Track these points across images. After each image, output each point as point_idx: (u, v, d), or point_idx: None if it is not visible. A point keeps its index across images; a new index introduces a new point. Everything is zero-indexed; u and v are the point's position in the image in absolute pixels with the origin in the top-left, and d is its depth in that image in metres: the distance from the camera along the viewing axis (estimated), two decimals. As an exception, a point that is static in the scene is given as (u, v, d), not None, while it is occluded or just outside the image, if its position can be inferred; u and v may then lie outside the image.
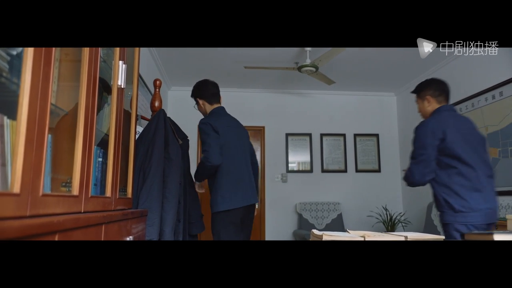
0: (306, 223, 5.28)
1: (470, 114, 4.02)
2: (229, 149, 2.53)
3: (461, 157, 2.06)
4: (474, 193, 2.02)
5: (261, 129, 5.64)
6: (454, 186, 2.06)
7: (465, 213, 1.95)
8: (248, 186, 2.58)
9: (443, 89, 2.33)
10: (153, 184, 2.11)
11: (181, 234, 2.31)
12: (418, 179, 2.22)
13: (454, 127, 2.13)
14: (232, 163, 2.52)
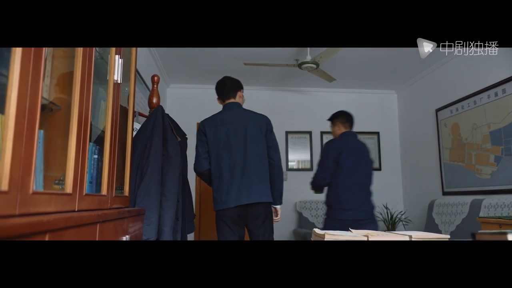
0: (306, 221, 5.23)
1: (472, 112, 3.98)
2: (218, 150, 2.49)
3: (347, 169, 2.89)
4: (350, 196, 2.83)
5: (260, 127, 5.59)
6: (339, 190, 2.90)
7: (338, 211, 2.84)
8: (240, 186, 2.40)
9: (349, 119, 3.21)
10: (151, 182, 2.07)
11: (179, 233, 2.26)
12: (320, 182, 3.06)
13: (350, 148, 3.00)
14: (220, 164, 2.46)
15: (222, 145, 2.49)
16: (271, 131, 2.63)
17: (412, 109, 5.37)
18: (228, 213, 2.40)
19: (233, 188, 2.40)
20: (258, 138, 2.54)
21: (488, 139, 3.73)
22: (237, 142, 2.50)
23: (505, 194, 3.50)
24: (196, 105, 5.49)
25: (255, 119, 2.60)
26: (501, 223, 2.39)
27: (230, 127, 2.54)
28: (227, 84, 2.73)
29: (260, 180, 2.46)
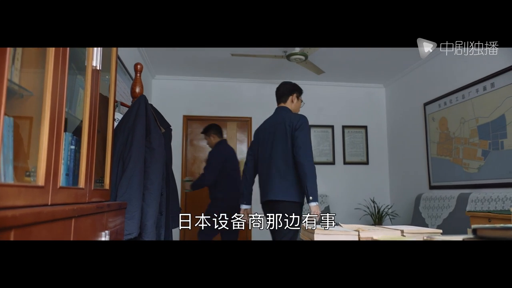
0: (293, 215, 5.18)
1: (460, 106, 3.97)
2: (258, 152, 2.83)
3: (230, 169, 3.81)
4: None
5: (248, 120, 5.51)
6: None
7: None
8: (265, 184, 2.71)
9: (220, 130, 4.08)
10: (133, 174, 1.98)
11: (163, 228, 2.18)
12: (208, 181, 3.79)
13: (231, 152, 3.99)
14: (257, 164, 2.85)
15: (260, 147, 2.80)
16: (297, 129, 2.60)
17: (400, 103, 5.35)
18: (263, 206, 2.78)
19: (263, 185, 2.75)
20: (283, 138, 2.63)
21: (476, 133, 3.73)
22: (267, 143, 2.73)
23: (492, 188, 3.50)
24: (182, 97, 5.38)
25: (287, 119, 2.68)
26: (490, 217, 2.37)
27: (267, 130, 2.78)
28: (280, 89, 2.92)
29: (281, 179, 2.56)
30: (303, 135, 2.58)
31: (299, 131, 2.58)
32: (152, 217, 2.01)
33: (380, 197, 5.44)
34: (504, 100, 3.38)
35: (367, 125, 5.68)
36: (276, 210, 2.47)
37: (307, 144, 2.57)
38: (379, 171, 5.62)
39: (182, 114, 5.35)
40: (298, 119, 2.63)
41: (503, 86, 3.41)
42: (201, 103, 5.42)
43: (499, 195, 3.23)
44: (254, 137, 2.90)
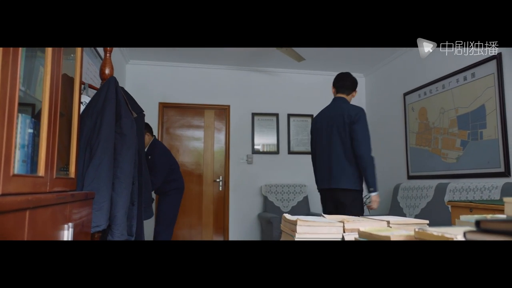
0: (271, 205, 5.12)
1: (440, 96, 3.96)
2: (316, 141, 2.94)
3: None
4: None
5: (226, 108, 5.38)
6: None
7: None
8: (326, 173, 2.79)
9: (151, 128, 3.91)
10: (102, 162, 1.83)
11: (134, 219, 2.05)
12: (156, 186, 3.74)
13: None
14: (315, 151, 2.95)
15: (318, 136, 2.90)
16: (355, 123, 2.69)
17: (380, 93, 5.32)
18: (321, 193, 2.94)
19: (323, 173, 2.84)
20: (341, 129, 2.74)
21: (455, 124, 3.72)
22: (326, 133, 2.82)
23: (470, 178, 3.51)
24: (158, 83, 5.19)
25: (345, 111, 2.75)
26: (472, 207, 2.35)
27: (325, 120, 2.86)
28: (346, 80, 2.94)
29: (342, 168, 2.69)
30: (361, 128, 2.68)
31: (357, 124, 2.68)
32: (123, 207, 1.87)
33: (359, 187, 5.43)
34: (484, 90, 3.38)
35: (346, 114, 5.64)
36: (336, 197, 2.74)
37: (366, 137, 2.68)
38: (357, 161, 5.60)
39: (158, 101, 5.17)
40: (356, 112, 2.72)
41: (483, 76, 3.39)
42: (177, 90, 5.25)
43: (477, 185, 3.24)
44: (313, 126, 3.05)
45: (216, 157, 5.33)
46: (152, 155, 3.80)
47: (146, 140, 3.79)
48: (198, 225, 5.18)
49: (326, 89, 5.63)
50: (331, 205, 2.83)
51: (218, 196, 5.27)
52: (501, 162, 3.19)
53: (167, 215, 3.84)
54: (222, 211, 5.24)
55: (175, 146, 5.21)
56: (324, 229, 1.38)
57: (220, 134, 5.38)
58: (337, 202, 2.77)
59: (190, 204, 5.16)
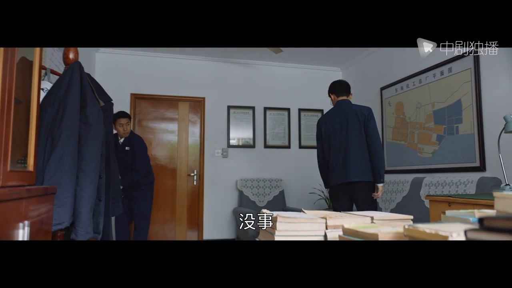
0: (247, 200, 5.03)
1: (417, 91, 3.96)
2: (328, 139, 3.07)
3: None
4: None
5: (200, 100, 5.23)
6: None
7: None
8: (344, 168, 2.95)
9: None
10: (65, 154, 1.68)
11: (101, 215, 1.90)
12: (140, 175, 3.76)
13: None
14: (331, 151, 3.05)
15: (331, 134, 3.05)
16: (369, 120, 2.97)
17: (357, 87, 5.28)
18: (334, 189, 3.04)
19: (339, 169, 2.97)
20: (356, 127, 2.97)
21: (432, 118, 3.73)
22: (341, 131, 3.01)
23: (446, 172, 3.53)
24: (130, 73, 4.98)
25: (357, 110, 3.02)
26: (451, 201, 2.32)
27: (337, 120, 3.05)
28: (342, 84, 3.23)
29: (360, 163, 2.92)
30: (374, 125, 2.98)
31: (370, 121, 2.97)
32: (88, 203, 1.73)
33: (335, 182, 5.41)
34: (461, 85, 3.38)
35: (323, 108, 5.60)
36: (353, 191, 2.95)
37: (377, 133, 2.99)
38: (334, 156, 5.58)
39: (130, 92, 4.96)
40: (369, 111, 3.01)
41: (460, 71, 3.40)
42: (151, 81, 5.05)
43: (452, 180, 3.25)
44: (321, 126, 3.16)
45: (190, 150, 5.18)
46: (129, 145, 3.68)
47: (128, 129, 3.74)
48: (172, 221, 5.04)
49: (303, 83, 5.58)
50: (345, 200, 3.01)
51: (192, 190, 5.13)
52: (477, 157, 3.21)
53: (148, 210, 3.83)
54: (196, 206, 5.11)
55: (148, 139, 5.03)
56: (306, 226, 1.29)
57: (195, 127, 5.23)
58: (352, 196, 2.98)
59: (164, 199, 5.01)
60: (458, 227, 0.91)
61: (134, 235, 3.78)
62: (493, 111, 3.11)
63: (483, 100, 3.19)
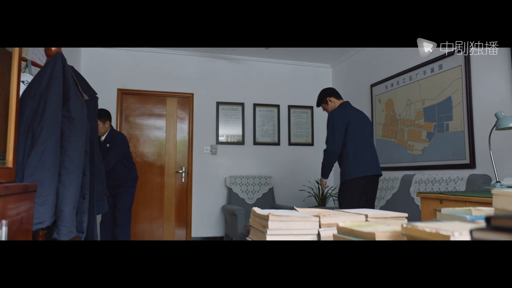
0: (236, 197, 4.98)
1: (407, 88, 3.95)
2: (354, 133, 3.11)
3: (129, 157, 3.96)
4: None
5: (189, 96, 5.15)
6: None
7: None
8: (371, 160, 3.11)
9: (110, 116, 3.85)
10: (46, 149, 1.60)
11: (85, 214, 1.83)
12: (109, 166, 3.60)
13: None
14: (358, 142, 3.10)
15: (354, 128, 3.12)
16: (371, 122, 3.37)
17: (347, 84, 5.28)
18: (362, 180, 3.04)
19: (366, 160, 3.08)
20: (369, 126, 3.27)
21: (422, 115, 3.72)
22: (363, 127, 3.18)
23: (435, 169, 3.52)
24: (117, 68, 4.87)
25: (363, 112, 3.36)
26: (442, 198, 2.30)
27: (358, 116, 3.22)
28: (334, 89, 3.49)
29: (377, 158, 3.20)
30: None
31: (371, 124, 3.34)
32: (71, 202, 1.66)
33: (324, 179, 5.39)
34: (451, 82, 3.37)
35: (313, 105, 5.56)
36: (376, 183, 3.16)
37: None
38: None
39: (117, 88, 4.86)
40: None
41: (451, 68, 3.39)
42: (138, 76, 4.95)
43: (442, 177, 3.24)
44: (347, 120, 3.15)
45: (178, 147, 5.10)
46: (111, 143, 3.64)
47: (105, 128, 3.71)
48: (159, 218, 4.96)
49: (293, 79, 5.54)
50: (371, 192, 3.13)
51: (180, 188, 5.05)
52: (467, 154, 3.21)
53: (128, 205, 3.83)
54: (184, 204, 5.04)
55: (135, 136, 4.94)
56: (299, 224, 1.25)
57: (183, 124, 5.15)
58: (373, 189, 3.14)
59: (151, 196, 4.92)
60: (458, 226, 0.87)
61: (116, 231, 3.75)
62: (483, 108, 3.10)
63: (473, 97, 3.19)
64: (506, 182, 2.50)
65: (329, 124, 3.16)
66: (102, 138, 3.76)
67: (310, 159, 5.49)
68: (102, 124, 3.67)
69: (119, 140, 3.78)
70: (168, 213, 4.99)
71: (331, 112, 3.24)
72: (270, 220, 1.21)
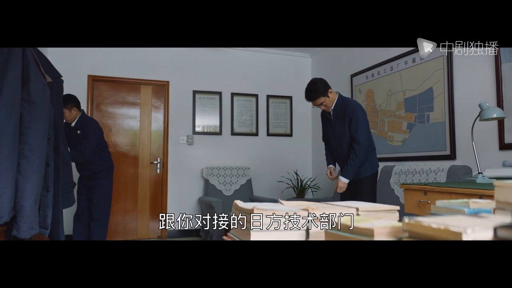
0: (213, 189, 4.85)
1: (388, 78, 3.90)
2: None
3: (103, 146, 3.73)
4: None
5: (164, 84, 4.95)
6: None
7: None
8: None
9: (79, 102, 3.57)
10: (3, 137, 1.43)
11: (49, 208, 1.67)
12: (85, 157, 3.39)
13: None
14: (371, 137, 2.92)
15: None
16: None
17: (327, 74, 5.18)
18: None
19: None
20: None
21: (402, 106, 3.68)
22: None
23: (415, 161, 3.50)
24: (87, 54, 4.61)
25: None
26: (426, 190, 2.25)
27: None
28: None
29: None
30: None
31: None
32: (32, 195, 1.49)
33: (303, 170, 5.34)
34: (433, 72, 3.34)
35: (292, 95, 5.48)
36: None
37: None
38: (302, 144, 5.50)
39: (87, 74, 4.61)
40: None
41: (432, 59, 3.35)
42: (110, 62, 4.71)
43: (423, 168, 3.22)
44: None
45: (153, 137, 4.91)
46: (82, 129, 3.44)
47: (73, 115, 3.45)
48: (133, 211, 4.77)
49: (272, 68, 5.42)
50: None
51: (155, 179, 4.88)
52: (447, 145, 3.19)
53: (106, 199, 3.61)
54: (160, 195, 4.87)
55: (108, 125, 4.71)
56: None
57: (158, 113, 4.96)
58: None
59: (125, 188, 4.73)
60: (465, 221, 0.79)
61: (92, 226, 3.53)
62: (465, 99, 3.08)
63: (455, 88, 3.16)
64: (488, 173, 2.47)
65: (360, 118, 2.73)
66: (72, 124, 3.50)
67: (288, 150, 5.41)
68: (69, 111, 3.42)
69: (92, 126, 3.54)
70: (142, 205, 4.82)
71: (357, 104, 2.85)
72: (255, 215, 1.10)
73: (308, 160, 5.50)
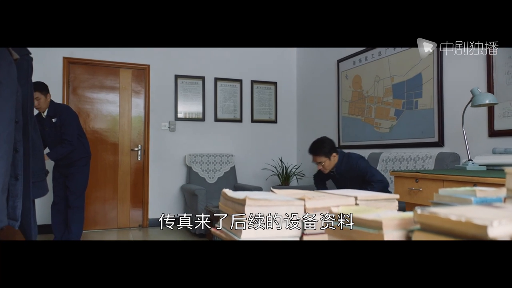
0: (196, 177, 4.73)
1: (376, 64, 3.83)
2: None
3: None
4: None
5: (145, 68, 4.76)
6: None
7: None
8: None
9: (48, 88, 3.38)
10: (-37, 119, 1.28)
11: (19, 198, 1.52)
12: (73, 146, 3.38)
13: None
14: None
15: None
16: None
17: (312, 60, 5.11)
18: None
19: None
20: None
21: (390, 92, 3.62)
22: None
23: (403, 148, 3.46)
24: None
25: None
26: (418, 177, 2.20)
27: None
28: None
29: None
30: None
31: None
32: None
33: (288, 157, 5.27)
34: (421, 58, 3.27)
35: (277, 81, 5.36)
36: None
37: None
38: (287, 130, 5.41)
39: (62, 56, 4.38)
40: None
41: (421, 43, 3.29)
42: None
43: (410, 155, 3.17)
44: None
45: (134, 123, 4.74)
46: (57, 116, 3.29)
47: (47, 101, 3.34)
48: (113, 199, 4.62)
49: (257, 52, 5.27)
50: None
51: (136, 166, 4.72)
52: (435, 132, 3.15)
53: (82, 186, 3.53)
54: (141, 183, 4.72)
55: (85, 110, 4.51)
56: (282, 209, 1.05)
57: (139, 98, 4.78)
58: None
59: (104, 176, 4.56)
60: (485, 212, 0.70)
61: (69, 214, 3.41)
62: (454, 86, 3.03)
63: (444, 74, 3.10)
64: (478, 160, 2.44)
65: (368, 164, 3.00)
66: (44, 113, 3.36)
67: (273, 136, 5.32)
68: (44, 97, 3.27)
69: (67, 110, 3.41)
70: (123, 193, 4.66)
71: (361, 157, 3.06)
72: (248, 205, 1.01)
73: (293, 147, 5.42)
